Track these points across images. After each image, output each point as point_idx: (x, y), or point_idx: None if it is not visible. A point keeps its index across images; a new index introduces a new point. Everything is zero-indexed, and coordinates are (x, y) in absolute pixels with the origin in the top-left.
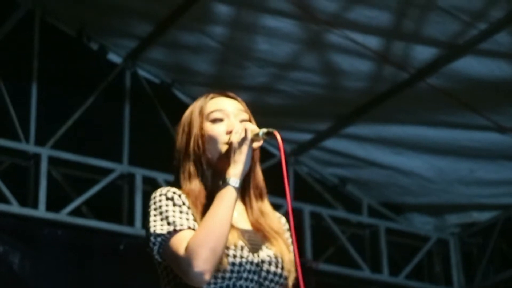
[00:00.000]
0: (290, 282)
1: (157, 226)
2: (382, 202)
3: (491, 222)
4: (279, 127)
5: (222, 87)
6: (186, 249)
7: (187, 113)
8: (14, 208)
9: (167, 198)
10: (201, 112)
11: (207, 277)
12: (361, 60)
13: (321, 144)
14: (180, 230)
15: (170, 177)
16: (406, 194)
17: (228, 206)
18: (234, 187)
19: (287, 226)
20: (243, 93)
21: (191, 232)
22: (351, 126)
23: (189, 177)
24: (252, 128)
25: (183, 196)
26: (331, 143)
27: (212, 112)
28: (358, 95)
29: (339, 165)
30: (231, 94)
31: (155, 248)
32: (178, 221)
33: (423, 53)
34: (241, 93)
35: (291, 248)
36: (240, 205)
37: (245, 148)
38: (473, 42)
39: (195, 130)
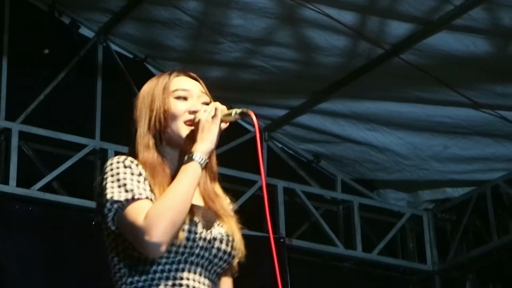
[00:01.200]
0: (237, 260)
1: (115, 192)
2: (356, 178)
3: (464, 198)
4: (253, 103)
5: (196, 63)
6: (145, 218)
7: (148, 87)
8: None
9: (125, 166)
10: (164, 88)
11: (163, 248)
12: (336, 36)
13: (295, 120)
14: (139, 199)
15: None
16: (380, 170)
17: (191, 181)
18: (199, 163)
19: (232, 208)
20: (217, 69)
21: (149, 203)
22: (325, 102)
23: (147, 148)
24: (222, 108)
25: (140, 166)
26: (305, 119)
27: (176, 90)
28: (333, 71)
29: (313, 141)
30: (193, 74)
31: (110, 214)
32: (136, 190)
33: (398, 29)
34: (214, 69)
35: (240, 228)
36: None
37: (214, 127)
38: (448, 18)
39: (158, 105)
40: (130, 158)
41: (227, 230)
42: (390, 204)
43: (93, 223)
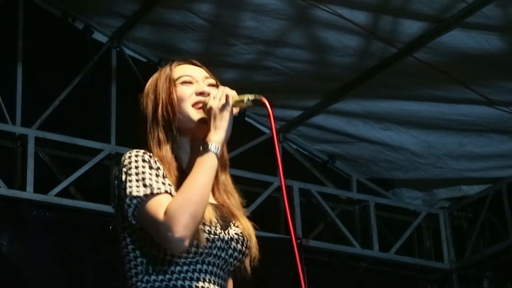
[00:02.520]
0: (247, 259)
1: (133, 187)
2: (371, 177)
3: (480, 195)
4: None
5: (209, 65)
6: (165, 213)
7: (151, 82)
8: (2, 190)
9: (144, 160)
10: (168, 78)
11: (186, 243)
12: (349, 36)
13: (309, 121)
14: (158, 193)
15: None
16: (395, 170)
17: (209, 172)
18: (215, 153)
19: (241, 202)
20: (230, 71)
21: (168, 197)
22: (339, 102)
23: (159, 143)
24: (233, 94)
25: (158, 162)
26: (319, 119)
27: (180, 76)
28: (346, 71)
29: (328, 141)
30: (196, 61)
31: (130, 210)
32: (155, 185)
33: (411, 28)
34: (228, 71)
35: (251, 225)
36: None
37: (226, 115)
38: (461, 16)
39: (164, 95)
40: (148, 153)
41: (243, 231)
42: (406, 203)
43: (110, 227)
